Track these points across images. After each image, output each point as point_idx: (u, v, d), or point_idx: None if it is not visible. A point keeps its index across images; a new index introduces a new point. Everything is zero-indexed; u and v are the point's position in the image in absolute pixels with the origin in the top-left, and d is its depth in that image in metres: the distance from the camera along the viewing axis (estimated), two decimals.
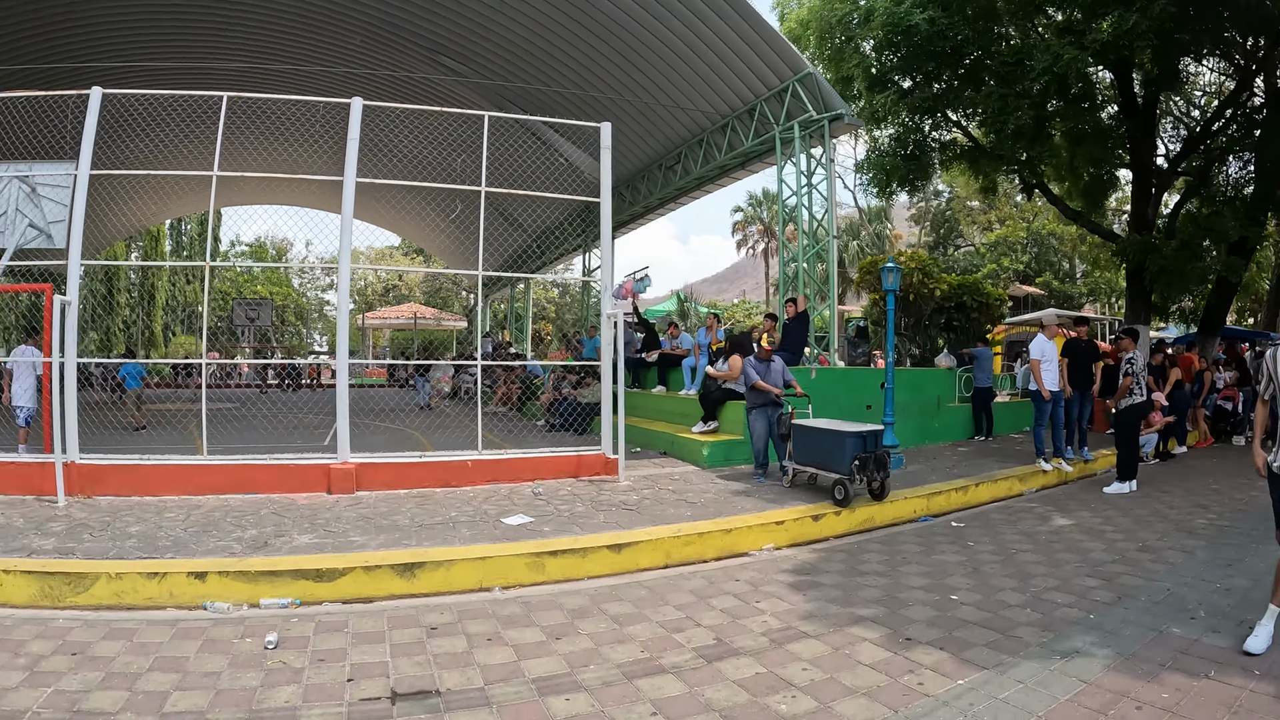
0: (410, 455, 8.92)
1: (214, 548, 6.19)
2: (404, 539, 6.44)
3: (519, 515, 7.28)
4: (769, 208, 51.46)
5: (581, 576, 6.14)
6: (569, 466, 9.43)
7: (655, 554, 6.48)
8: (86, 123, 8.51)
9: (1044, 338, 10.29)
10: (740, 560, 6.71)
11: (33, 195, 8.81)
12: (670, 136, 17.53)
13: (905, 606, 5.35)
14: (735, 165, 16.26)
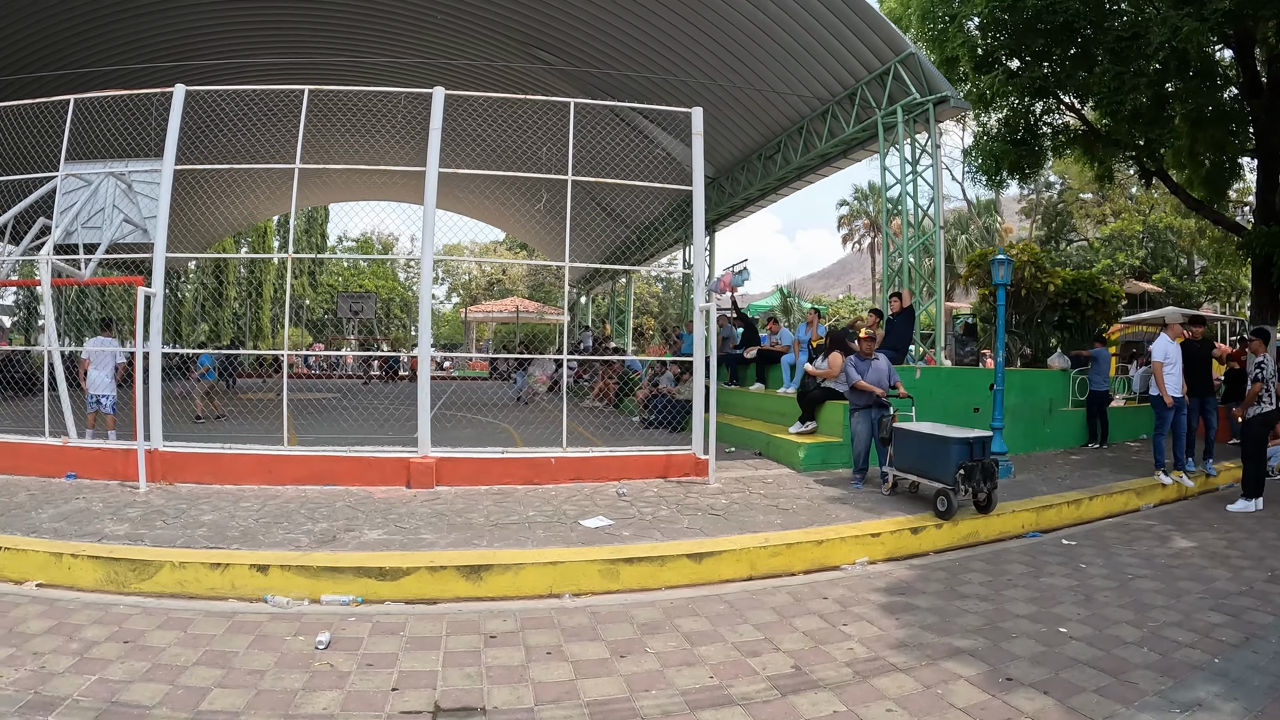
0: (492, 451, 8.85)
1: (281, 540, 6.21)
2: (475, 538, 6.29)
3: (599, 517, 7.04)
4: (875, 201, 50.54)
5: (658, 586, 5.83)
6: (657, 466, 9.16)
7: (739, 565, 6.12)
8: (170, 120, 8.90)
9: (1167, 338, 9.69)
10: (830, 575, 6.26)
11: (129, 192, 9.33)
12: (769, 124, 17.09)
13: (1008, 639, 4.79)
14: (836, 154, 15.84)
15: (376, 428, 11.06)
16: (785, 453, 10.35)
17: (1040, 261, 14.51)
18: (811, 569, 6.33)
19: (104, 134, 9.57)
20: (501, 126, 12.56)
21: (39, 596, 5.49)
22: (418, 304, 35.34)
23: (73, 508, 7.28)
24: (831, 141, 15.01)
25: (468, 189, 22.91)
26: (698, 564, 5.99)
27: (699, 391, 9.24)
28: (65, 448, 8.87)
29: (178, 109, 8.90)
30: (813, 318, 13.27)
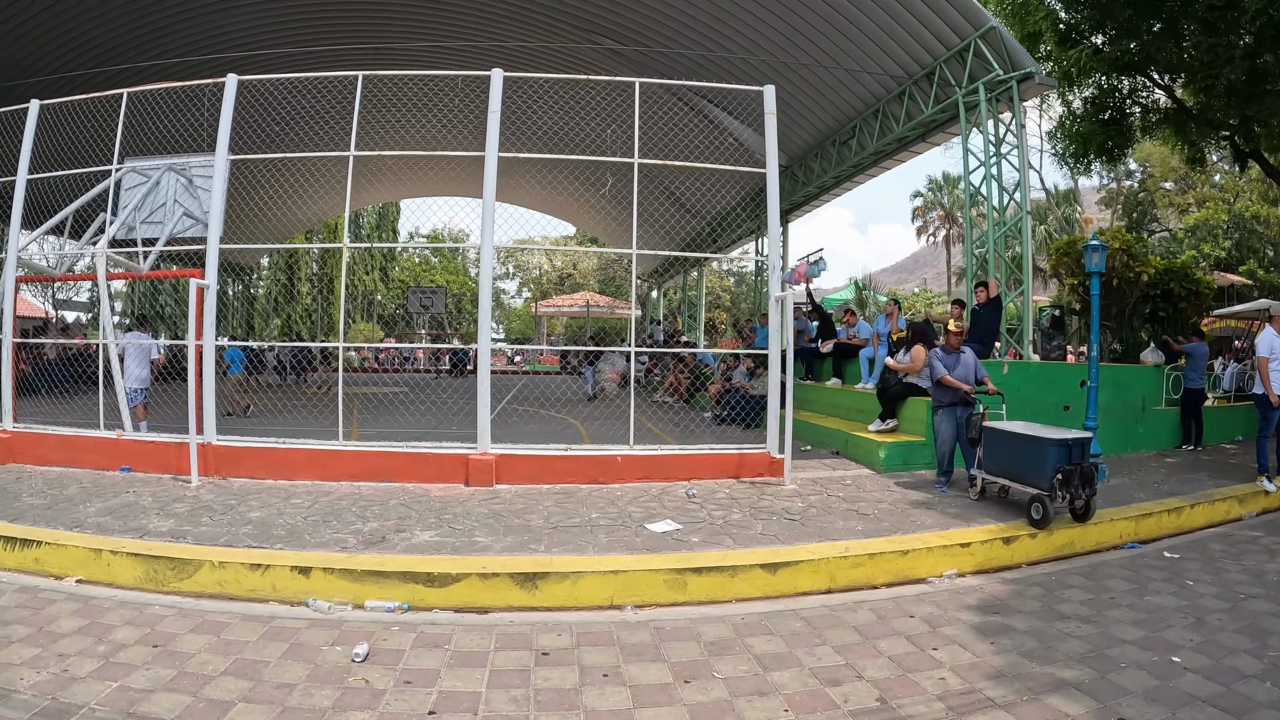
0: (554, 448, 8.52)
1: (328, 540, 5.99)
2: (532, 542, 5.95)
3: (666, 521, 6.62)
4: (949, 191, 49.70)
5: (728, 599, 5.39)
6: (730, 466, 8.71)
7: (817, 577, 5.63)
8: (223, 110, 8.86)
9: (1273, 331, 9.12)
10: (916, 589, 5.73)
11: (190, 186, 9.46)
12: (842, 108, 16.46)
13: (1116, 669, 4.23)
14: (914, 137, 15.27)
15: (440, 422, 10.92)
16: (864, 452, 9.84)
17: (1133, 249, 13.64)
18: (895, 581, 5.82)
19: (161, 129, 9.68)
20: (562, 111, 12.32)
21: (75, 593, 5.40)
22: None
23: (121, 502, 7.24)
24: (909, 124, 14.37)
25: (532, 180, 22.81)
26: (772, 575, 5.53)
27: (774, 387, 8.77)
28: (119, 441, 8.94)
29: (230, 99, 8.87)
30: (892, 309, 12.62)
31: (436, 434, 9.34)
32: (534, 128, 12.68)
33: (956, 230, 50.32)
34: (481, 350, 8.50)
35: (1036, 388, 10.47)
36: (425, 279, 45.49)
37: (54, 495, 7.51)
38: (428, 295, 33.88)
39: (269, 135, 10.20)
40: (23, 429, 9.49)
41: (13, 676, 4.05)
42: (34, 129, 9.61)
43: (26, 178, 9.62)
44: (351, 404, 15.68)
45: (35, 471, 8.75)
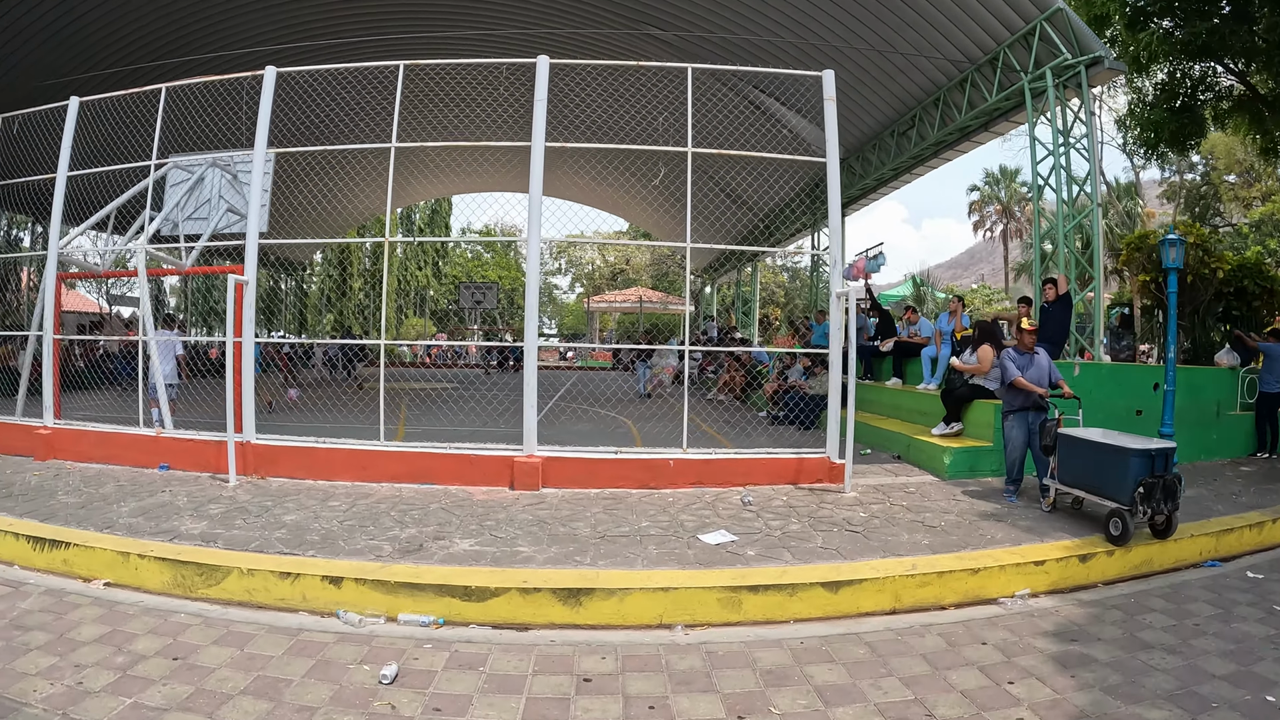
0: (604, 451, 8.23)
1: (362, 547, 5.78)
2: (578, 554, 5.66)
3: (720, 531, 6.28)
4: (1007, 186, 48.94)
5: (786, 619, 5.04)
6: (787, 471, 8.32)
7: (881, 596, 5.25)
8: (261, 103, 8.76)
9: None
10: (987, 611, 5.31)
11: (234, 182, 9.41)
12: (901, 97, 15.89)
13: (1208, 710, 3.82)
14: (977, 126, 14.71)
15: (488, 420, 10.79)
16: (928, 457, 9.38)
17: (1207, 244, 12.91)
18: (965, 602, 5.42)
19: (201, 124, 9.68)
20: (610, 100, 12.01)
21: (101, 598, 5.30)
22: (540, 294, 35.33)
23: (156, 501, 7.16)
24: (972, 113, 13.83)
25: (581, 174, 22.58)
26: (833, 594, 5.16)
27: (835, 387, 8.37)
28: (158, 438, 8.92)
29: (269, 92, 8.76)
30: (955, 306, 12.09)
31: (484, 433, 9.18)
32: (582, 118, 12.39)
33: (1014, 225, 49.68)
34: (528, 347, 8.24)
35: (1108, 391, 9.92)
36: (478, 274, 45.76)
37: (89, 494, 7.48)
38: (480, 290, 34.02)
39: (311, 129, 10.07)
40: (63, 425, 9.54)
41: (25, 688, 3.93)
42: (74, 126, 9.68)
43: (67, 175, 9.70)
44: (400, 400, 15.64)
45: (74, 468, 8.78)
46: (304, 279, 36.01)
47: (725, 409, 14.43)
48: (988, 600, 5.45)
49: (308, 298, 36.91)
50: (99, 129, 9.89)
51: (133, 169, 9.67)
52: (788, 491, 7.98)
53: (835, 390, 8.37)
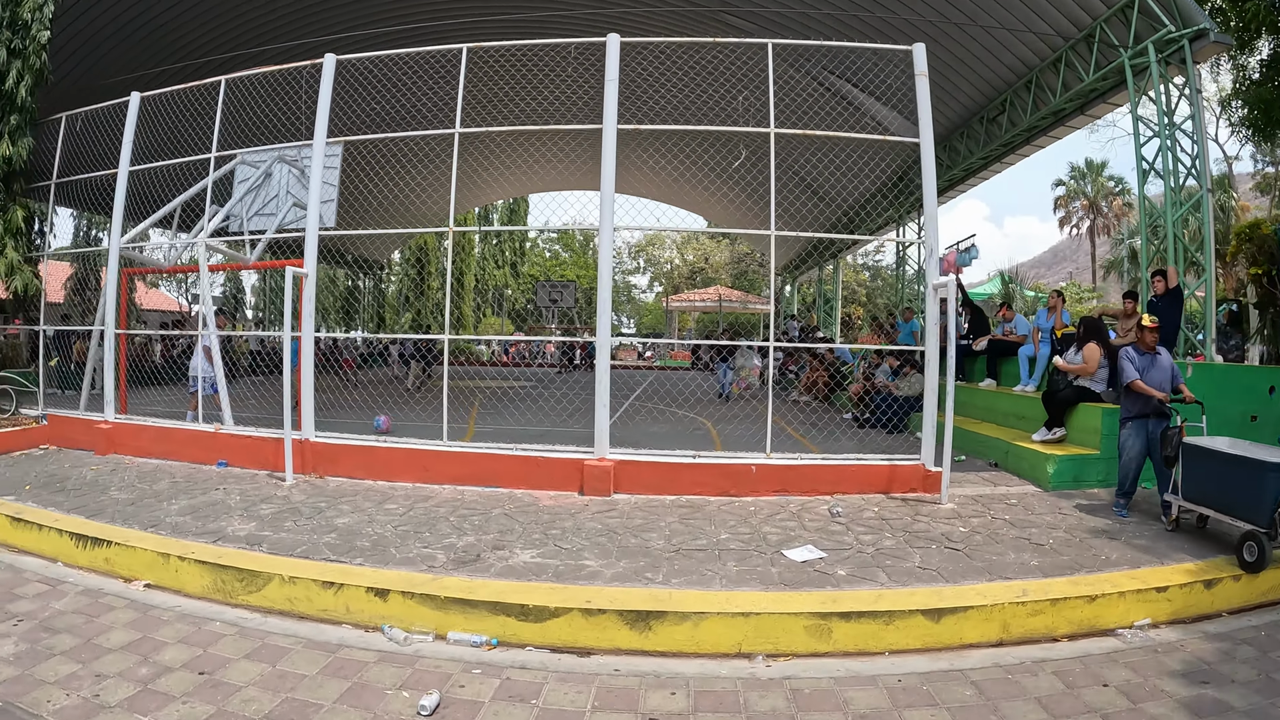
0: (681, 455, 7.72)
1: (414, 555, 5.41)
2: (649, 569, 5.17)
3: (806, 547, 5.72)
4: (1094, 179, 47.14)
5: (880, 650, 4.46)
6: (878, 479, 7.69)
7: (988, 626, 4.62)
8: (321, 92, 8.61)
9: None
10: (1104, 644, 4.63)
11: (302, 177, 9.32)
12: (990, 81, 15.04)
13: None
14: (1072, 110, 13.85)
15: (560, 421, 10.50)
16: (1029, 466, 8.62)
17: None
18: (1079, 632, 4.76)
19: (263, 117, 9.58)
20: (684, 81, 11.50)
21: (138, 601, 5.10)
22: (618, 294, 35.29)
23: (207, 500, 6.98)
24: (1067, 95, 12.96)
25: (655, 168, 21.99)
26: (935, 623, 4.55)
27: (931, 389, 7.69)
28: (217, 434, 8.80)
29: (328, 80, 8.59)
30: (1055, 302, 11.18)
31: (556, 434, 8.90)
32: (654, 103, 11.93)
33: (1101, 221, 47.80)
34: (600, 342, 7.81)
35: (1219, 394, 8.96)
36: (556, 274, 45.87)
37: (142, 490, 7.37)
38: (557, 289, 33.95)
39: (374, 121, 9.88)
40: (124, 420, 9.60)
41: (40, 698, 3.72)
42: (135, 121, 9.75)
43: (129, 170, 9.76)
44: (473, 399, 15.46)
45: (132, 464, 8.77)
46: (383, 278, 36.53)
47: (808, 410, 13.80)
48: (1104, 631, 4.79)
49: (386, 297, 37.45)
50: (160, 124, 9.92)
51: (196, 165, 9.72)
52: (879, 502, 7.35)
53: (931, 392, 7.71)
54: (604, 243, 7.85)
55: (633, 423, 12.54)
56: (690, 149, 15.36)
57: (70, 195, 11.12)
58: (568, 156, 18.21)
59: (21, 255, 11.13)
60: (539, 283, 38.72)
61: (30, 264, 11.50)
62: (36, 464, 8.81)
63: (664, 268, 52.76)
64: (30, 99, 10.88)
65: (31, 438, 10.05)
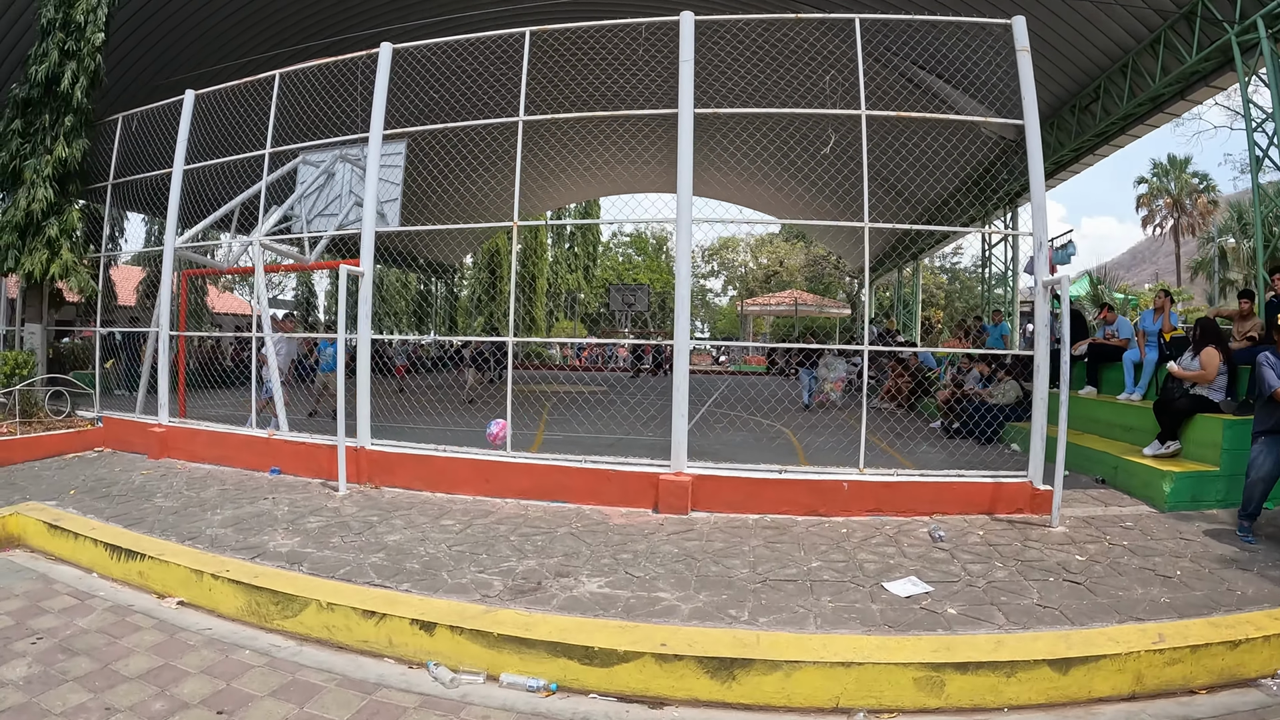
0: (766, 470, 7.06)
1: (468, 581, 4.90)
2: (732, 604, 4.55)
3: (909, 579, 5.02)
4: (1177, 176, 45.05)
5: (999, 706, 3.78)
6: (981, 498, 6.92)
7: (1120, 677, 3.89)
8: (377, 82, 8.21)
9: None
10: (1248, 698, 3.88)
11: (365, 176, 8.93)
12: (1081, 66, 14.04)
13: None
14: (1171, 95, 12.85)
15: (634, 428, 10.16)
16: (1141, 483, 7.71)
17: None
18: (1218, 683, 4.01)
19: (321, 112, 9.32)
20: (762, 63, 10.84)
21: (167, 621, 4.73)
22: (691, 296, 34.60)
23: (254, 510, 6.64)
24: (1166, 78, 11.98)
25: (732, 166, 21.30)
26: (1061, 675, 3.82)
27: (1040, 398, 6.90)
28: (271, 440, 8.51)
29: (384, 70, 8.20)
30: (1162, 302, 10.12)
31: (630, 442, 8.50)
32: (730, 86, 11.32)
33: (1186, 220, 45.49)
34: (678, 346, 7.20)
35: None
36: (629, 277, 45.54)
37: (189, 497, 7.10)
38: (630, 292, 33.45)
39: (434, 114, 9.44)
40: (178, 424, 9.41)
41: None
42: (190, 119, 9.59)
43: (184, 169, 9.60)
44: (543, 404, 15.01)
45: (183, 469, 8.56)
46: (454, 282, 36.60)
47: (891, 419, 12.99)
48: (1246, 681, 4.04)
49: (459, 301, 37.54)
50: (217, 123, 9.74)
51: (256, 167, 9.44)
52: (983, 524, 6.57)
53: (1041, 402, 6.91)
54: (681, 237, 7.24)
55: (709, 430, 11.92)
56: (769, 140, 14.67)
57: (131, 197, 11.04)
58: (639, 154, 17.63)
59: (78, 256, 11.09)
60: (612, 286, 38.37)
61: (89, 266, 11.47)
62: (87, 467, 8.66)
63: (738, 271, 52.06)
64: (85, 100, 10.86)
65: (87, 440, 9.96)
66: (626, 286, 34.62)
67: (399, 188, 8.78)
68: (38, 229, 10.73)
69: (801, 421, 13.54)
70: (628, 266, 49.81)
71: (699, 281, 54.93)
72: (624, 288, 34.55)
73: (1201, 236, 42.39)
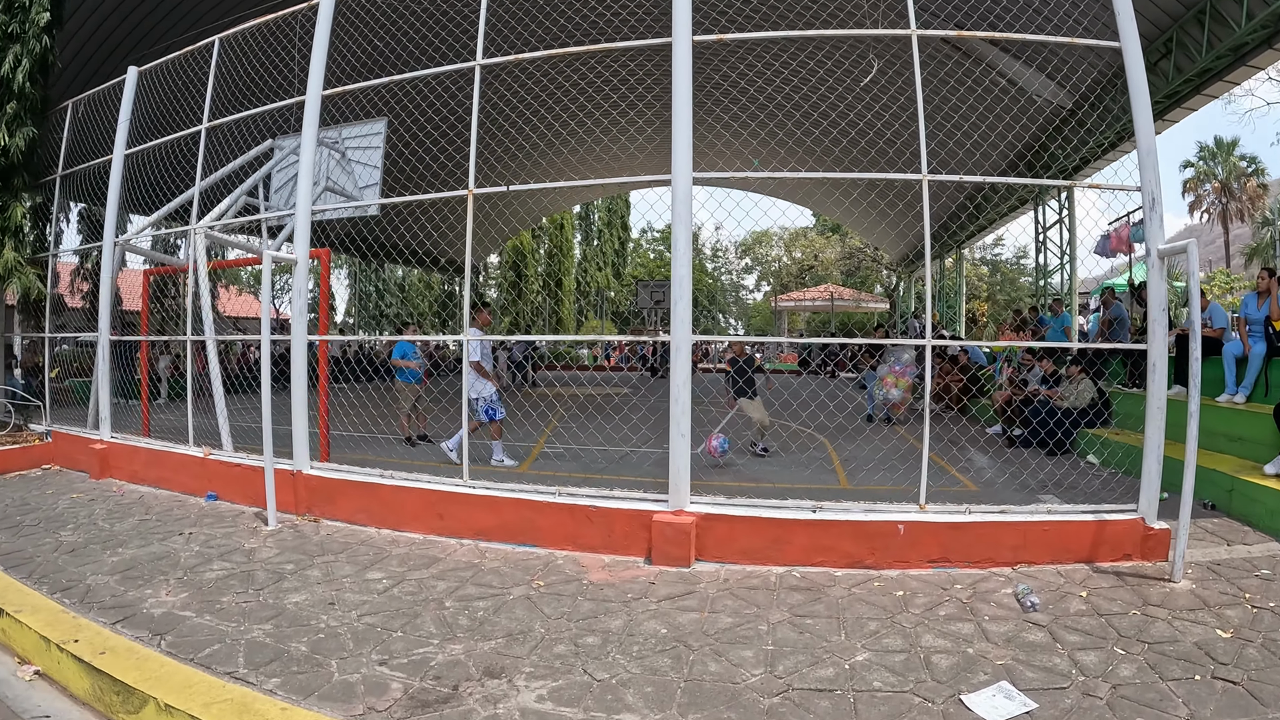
0: (794, 508, 5.39)
1: (358, 679, 3.44)
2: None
3: (997, 686, 3.41)
4: (1224, 160, 42.87)
5: None
6: (1078, 541, 5.24)
7: None
8: (316, 37, 6.74)
9: None
10: None
11: (343, 161, 8.41)
12: (1151, 16, 12.00)
13: None
14: (1221, 68, 11.46)
15: (651, 438, 9.00)
16: (1267, 512, 6.05)
17: None
18: None
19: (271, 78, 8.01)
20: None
21: (3, 700, 3.63)
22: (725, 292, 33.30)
23: (158, 550, 5.45)
24: (1211, 53, 10.86)
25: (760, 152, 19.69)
26: None
27: (1157, 407, 5.27)
28: (206, 461, 7.21)
29: (325, 22, 6.70)
30: (1268, 284, 8.30)
31: (640, 457, 7.75)
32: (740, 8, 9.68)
33: (1235, 205, 43.32)
34: (677, 344, 5.61)
35: None
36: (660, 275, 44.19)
37: (99, 530, 6.00)
38: (659, 289, 31.77)
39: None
40: (119, 440, 8.28)
41: None
42: (132, 100, 8.51)
43: (124, 153, 8.49)
44: (556, 407, 13.56)
45: (118, 492, 7.52)
46: (478, 283, 35.45)
47: (939, 424, 11.37)
48: None
49: (484, 300, 36.39)
50: (172, 101, 8.62)
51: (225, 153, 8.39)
52: (1083, 578, 4.90)
53: (1159, 411, 5.26)
54: (679, 201, 5.61)
55: (734, 439, 10.32)
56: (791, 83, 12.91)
57: (85, 190, 9.77)
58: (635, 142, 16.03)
59: (24, 256, 9.88)
60: (639, 282, 36.71)
61: (37, 267, 10.27)
62: (20, 489, 7.73)
63: (772, 266, 50.33)
64: (30, 86, 9.62)
65: (33, 456, 8.91)
66: (654, 283, 32.84)
67: (378, 170, 7.98)
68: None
69: (841, 425, 11.61)
70: (660, 264, 48.45)
71: (734, 278, 53.44)
72: (652, 284, 32.76)
73: (1255, 221, 40.33)
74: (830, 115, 9.73)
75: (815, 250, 44.12)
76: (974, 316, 34.52)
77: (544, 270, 39.80)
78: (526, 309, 37.83)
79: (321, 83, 6.65)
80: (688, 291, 5.56)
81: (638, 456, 8.96)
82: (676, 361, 5.47)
